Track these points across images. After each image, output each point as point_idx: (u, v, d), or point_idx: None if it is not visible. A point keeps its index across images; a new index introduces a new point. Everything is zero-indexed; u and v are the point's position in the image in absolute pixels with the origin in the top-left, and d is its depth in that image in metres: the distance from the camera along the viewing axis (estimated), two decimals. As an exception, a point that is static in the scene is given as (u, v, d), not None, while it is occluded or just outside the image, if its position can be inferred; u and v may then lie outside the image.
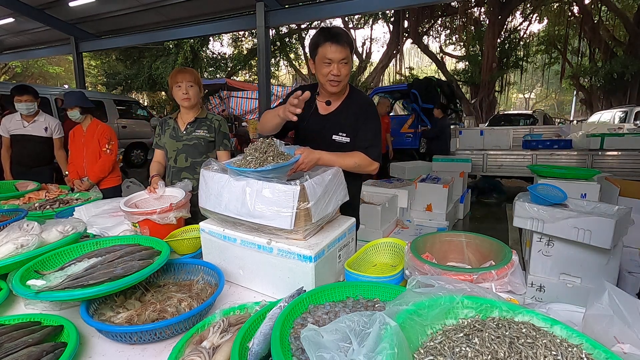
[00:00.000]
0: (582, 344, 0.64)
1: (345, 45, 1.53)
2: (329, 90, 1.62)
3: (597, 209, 2.24)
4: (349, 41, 1.56)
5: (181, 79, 2.10)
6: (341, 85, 1.60)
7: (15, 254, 1.17)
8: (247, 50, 19.69)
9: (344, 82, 1.60)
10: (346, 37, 1.55)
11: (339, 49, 1.51)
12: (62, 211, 1.95)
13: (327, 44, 1.52)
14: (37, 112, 3.35)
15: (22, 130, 3.30)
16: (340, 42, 1.52)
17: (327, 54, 1.52)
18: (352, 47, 1.59)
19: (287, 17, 6.97)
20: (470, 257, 1.19)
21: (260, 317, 0.86)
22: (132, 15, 8.30)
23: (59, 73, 25.43)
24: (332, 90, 1.61)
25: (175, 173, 2.20)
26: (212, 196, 1.24)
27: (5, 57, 12.39)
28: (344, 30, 1.62)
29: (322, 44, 1.53)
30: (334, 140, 1.66)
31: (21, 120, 3.29)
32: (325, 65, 1.55)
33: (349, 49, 1.56)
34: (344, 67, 1.55)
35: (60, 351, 0.82)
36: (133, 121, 9.97)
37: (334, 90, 1.61)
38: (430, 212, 4.32)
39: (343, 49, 1.52)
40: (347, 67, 1.57)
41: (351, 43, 1.58)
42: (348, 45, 1.55)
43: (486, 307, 0.74)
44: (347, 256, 1.30)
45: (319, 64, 1.57)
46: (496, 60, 16.49)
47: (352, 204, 1.51)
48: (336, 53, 1.52)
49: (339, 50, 1.51)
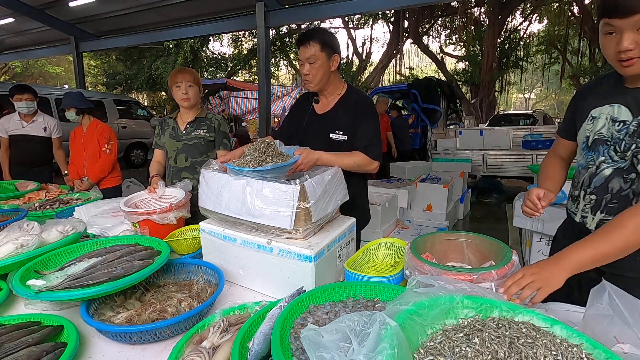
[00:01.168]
0: (582, 344, 0.64)
1: (310, 44, 1.58)
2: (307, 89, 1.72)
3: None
4: (318, 37, 1.59)
5: (181, 79, 2.10)
6: (314, 83, 1.65)
7: (15, 254, 1.17)
8: (247, 50, 19.68)
9: (316, 80, 1.63)
10: (314, 35, 1.59)
11: (304, 49, 1.60)
12: (62, 211, 1.95)
13: (299, 48, 1.62)
14: (36, 112, 3.34)
15: (21, 130, 3.29)
16: (304, 43, 1.59)
17: (299, 56, 1.63)
18: (323, 43, 1.59)
19: (287, 17, 6.97)
20: (470, 257, 1.19)
21: (260, 317, 0.86)
22: (132, 15, 8.30)
23: (59, 73, 25.43)
24: (308, 89, 1.72)
25: (175, 173, 2.20)
26: (212, 196, 1.24)
27: (5, 57, 12.39)
28: (316, 29, 1.65)
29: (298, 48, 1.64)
30: (332, 138, 1.67)
31: (20, 121, 3.28)
32: (301, 66, 1.64)
33: (319, 45, 1.58)
34: (311, 65, 1.60)
35: (60, 351, 0.82)
36: (133, 121, 9.98)
37: (309, 88, 1.70)
38: (430, 212, 4.32)
39: (307, 48, 1.58)
40: (315, 65, 1.60)
41: (322, 38, 1.59)
42: (316, 43, 1.58)
43: (486, 307, 0.74)
44: (347, 256, 1.30)
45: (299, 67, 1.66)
46: (496, 60, 16.49)
47: (355, 204, 1.51)
48: (302, 53, 1.60)
49: (304, 50, 1.60)
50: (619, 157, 1.08)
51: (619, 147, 1.07)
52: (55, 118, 3.56)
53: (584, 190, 1.17)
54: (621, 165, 1.07)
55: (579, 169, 1.22)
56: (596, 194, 1.13)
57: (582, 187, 1.18)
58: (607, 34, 0.97)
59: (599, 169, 1.12)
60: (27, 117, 3.30)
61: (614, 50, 0.96)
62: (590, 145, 1.15)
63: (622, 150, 1.06)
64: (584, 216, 1.18)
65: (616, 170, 1.08)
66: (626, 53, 0.93)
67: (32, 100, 3.21)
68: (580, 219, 1.20)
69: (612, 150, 1.09)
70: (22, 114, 3.27)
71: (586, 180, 1.16)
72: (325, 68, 1.61)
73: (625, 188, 1.07)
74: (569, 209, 1.28)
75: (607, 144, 1.10)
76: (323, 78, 1.64)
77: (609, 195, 1.10)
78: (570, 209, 1.26)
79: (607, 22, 0.95)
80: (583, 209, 1.18)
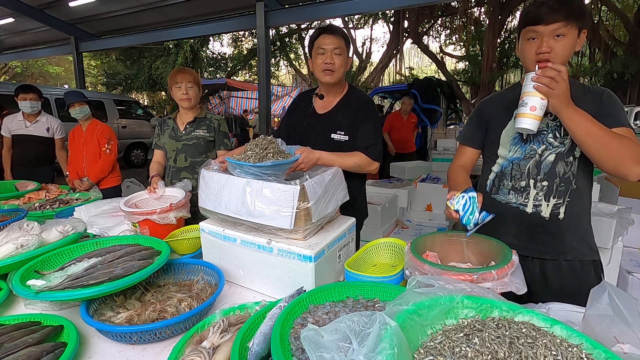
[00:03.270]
0: (582, 344, 0.64)
1: (339, 37, 1.58)
2: (323, 80, 1.64)
3: (597, 208, 2.24)
4: (345, 35, 1.59)
5: (181, 79, 2.10)
6: (335, 75, 1.60)
7: (15, 254, 1.17)
8: (247, 50, 19.69)
9: (338, 73, 1.61)
10: (341, 31, 1.59)
11: (332, 38, 1.57)
12: (62, 211, 1.95)
13: (322, 35, 1.58)
14: (39, 112, 3.35)
15: (24, 130, 3.29)
16: (333, 33, 1.57)
17: (321, 44, 1.58)
18: (347, 41, 1.60)
19: (287, 17, 6.97)
20: (471, 257, 1.19)
21: (260, 317, 0.86)
22: (132, 15, 8.30)
23: (59, 73, 25.44)
24: (326, 80, 1.62)
25: (175, 173, 2.20)
26: (212, 196, 1.24)
27: (5, 57, 12.39)
28: (341, 28, 1.65)
29: (317, 37, 1.60)
30: (333, 138, 1.66)
31: (23, 121, 3.29)
32: (320, 55, 1.59)
33: (344, 41, 1.58)
34: (337, 56, 1.58)
35: (60, 351, 0.82)
36: (133, 121, 9.97)
37: (327, 80, 1.61)
38: (430, 212, 4.31)
39: (336, 39, 1.57)
40: (341, 58, 1.59)
41: (347, 37, 1.60)
42: (342, 38, 1.58)
43: (486, 307, 0.74)
44: (347, 256, 1.30)
45: (315, 56, 1.62)
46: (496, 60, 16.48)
47: (354, 204, 1.51)
48: (329, 42, 1.57)
49: (331, 39, 1.57)
50: (558, 142, 1.22)
51: (559, 132, 1.21)
52: (58, 119, 3.56)
53: (534, 179, 1.26)
54: (561, 150, 1.22)
55: (516, 162, 1.29)
56: (547, 180, 1.24)
57: (529, 177, 1.26)
58: (530, 39, 1.17)
59: (543, 156, 1.24)
60: (31, 117, 3.30)
61: (533, 53, 1.16)
62: (525, 138, 1.26)
63: (562, 135, 1.20)
64: (536, 205, 1.26)
65: (558, 155, 1.22)
66: (544, 55, 1.13)
67: (36, 101, 3.21)
68: (532, 209, 1.26)
69: (551, 137, 1.22)
70: (26, 114, 3.28)
71: (532, 169, 1.25)
72: (346, 63, 1.62)
73: (567, 171, 1.22)
74: (512, 202, 1.31)
75: (543, 133, 1.23)
76: (343, 72, 1.64)
77: (558, 179, 1.23)
78: (517, 202, 1.30)
79: (530, 29, 1.16)
80: (535, 197, 1.26)
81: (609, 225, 2.00)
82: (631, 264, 2.31)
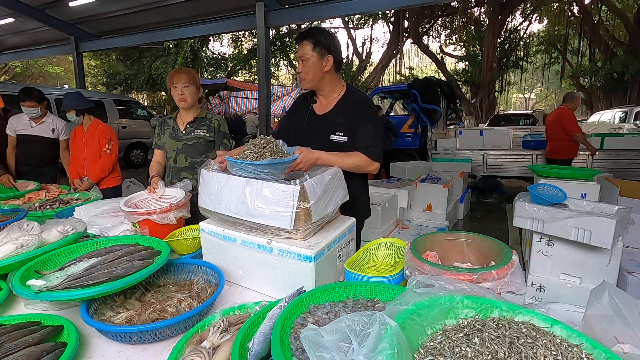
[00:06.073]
0: (582, 344, 0.64)
1: (303, 43, 1.61)
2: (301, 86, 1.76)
3: (597, 209, 2.24)
4: (311, 37, 1.59)
5: (177, 79, 2.10)
6: (306, 81, 1.67)
7: (15, 254, 1.17)
8: (247, 50, 19.69)
9: (308, 78, 1.65)
10: (308, 34, 1.61)
11: (299, 47, 1.64)
12: (62, 211, 1.95)
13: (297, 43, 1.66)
14: (45, 114, 3.35)
15: (29, 130, 3.29)
16: (298, 41, 1.64)
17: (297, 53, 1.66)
18: (315, 42, 1.59)
19: (287, 17, 6.97)
20: (470, 257, 1.19)
21: (260, 317, 0.86)
22: (132, 15, 8.30)
23: (59, 73, 25.43)
24: (302, 87, 1.74)
25: (175, 173, 2.20)
26: (212, 196, 1.24)
27: (5, 57, 12.39)
28: (313, 28, 1.66)
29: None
30: (332, 139, 1.66)
31: (29, 121, 3.29)
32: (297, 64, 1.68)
33: (311, 44, 1.59)
34: (303, 63, 1.63)
35: (60, 351, 0.82)
36: (133, 121, 9.97)
37: (302, 86, 1.73)
38: (430, 212, 4.32)
39: (301, 46, 1.62)
40: (307, 64, 1.61)
41: (315, 38, 1.59)
42: (309, 42, 1.59)
43: (486, 307, 0.74)
44: (347, 256, 1.30)
45: None
46: (496, 60, 16.49)
47: (355, 204, 1.51)
48: (299, 50, 1.63)
49: (298, 48, 1.63)
50: None
51: None
52: (63, 120, 3.55)
53: None
54: None
55: None
56: None
57: None
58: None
59: None
60: (36, 118, 3.30)
61: None
62: None
63: None
64: None
65: None
66: None
67: (34, 107, 3.20)
68: None
69: None
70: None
71: None
72: (316, 67, 1.61)
73: None
74: None
75: None
76: (315, 77, 1.64)
77: None
78: None
79: None
80: None
81: (609, 225, 2.00)
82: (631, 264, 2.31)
